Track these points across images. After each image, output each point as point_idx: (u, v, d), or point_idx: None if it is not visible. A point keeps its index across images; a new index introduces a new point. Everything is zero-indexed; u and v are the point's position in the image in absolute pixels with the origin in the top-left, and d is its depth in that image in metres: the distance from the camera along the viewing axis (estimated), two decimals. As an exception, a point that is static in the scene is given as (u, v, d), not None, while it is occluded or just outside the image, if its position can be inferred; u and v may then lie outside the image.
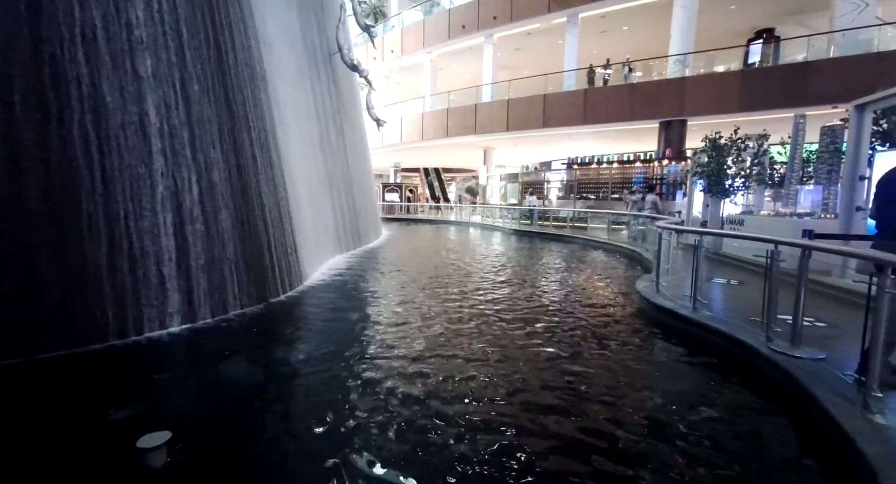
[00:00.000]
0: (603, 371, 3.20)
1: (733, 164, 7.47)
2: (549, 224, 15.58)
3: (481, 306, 5.06)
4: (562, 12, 16.74)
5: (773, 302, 3.08)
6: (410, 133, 22.18)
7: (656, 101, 14.86)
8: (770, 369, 2.81)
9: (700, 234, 4.44)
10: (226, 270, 4.57)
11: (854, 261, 4.15)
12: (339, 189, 9.60)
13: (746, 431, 2.39)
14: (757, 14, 15.52)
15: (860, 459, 1.84)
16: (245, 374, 3.14)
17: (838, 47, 12.55)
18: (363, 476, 1.96)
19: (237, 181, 4.86)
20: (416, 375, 3.05)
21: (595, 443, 2.25)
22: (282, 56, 6.91)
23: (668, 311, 4.21)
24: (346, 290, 6.12)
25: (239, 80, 4.99)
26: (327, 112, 9.31)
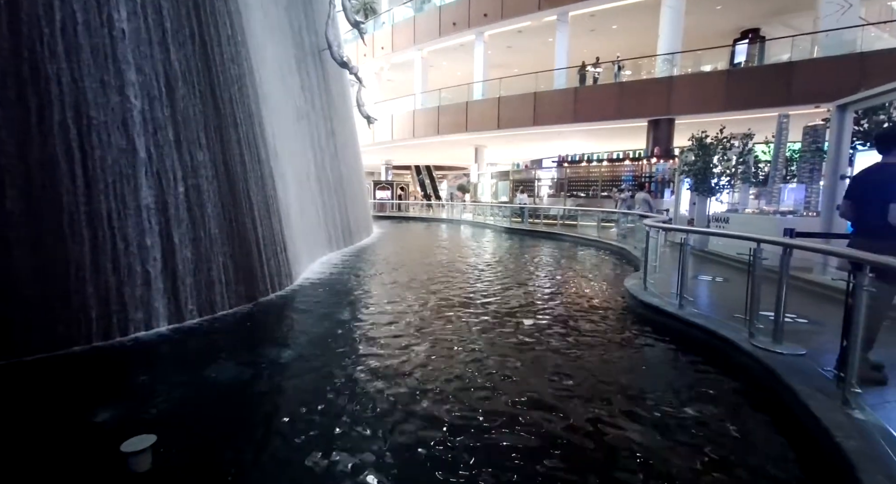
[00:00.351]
0: (588, 365, 3.26)
1: (719, 163, 7.59)
2: (540, 222, 15.66)
3: (472, 303, 5.08)
4: (552, 10, 16.78)
5: (756, 299, 3.15)
6: (402, 131, 22.08)
7: (644, 99, 15.01)
8: (752, 365, 2.87)
9: (685, 231, 4.51)
10: (213, 269, 4.51)
11: (835, 258, 4.25)
12: (330, 187, 9.53)
13: (727, 424, 2.44)
14: (743, 14, 15.74)
15: (838, 452, 1.89)
16: (232, 375, 3.10)
17: (822, 48, 12.79)
18: (350, 478, 1.96)
19: (224, 179, 4.79)
20: (406, 374, 3.05)
21: (578, 432, 2.30)
22: (270, 52, 6.82)
23: (655, 308, 4.27)
24: (335, 289, 6.09)
25: (225, 76, 4.91)
26: (317, 109, 9.23)
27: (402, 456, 2.13)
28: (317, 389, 2.84)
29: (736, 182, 7.88)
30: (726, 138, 7.67)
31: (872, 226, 2.54)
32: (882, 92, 4.29)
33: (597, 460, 2.13)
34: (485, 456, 2.11)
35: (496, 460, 2.08)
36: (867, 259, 2.15)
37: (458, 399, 2.70)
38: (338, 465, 2.05)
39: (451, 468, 2.02)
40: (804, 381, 2.47)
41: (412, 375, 3.05)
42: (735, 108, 13.34)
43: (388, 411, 2.54)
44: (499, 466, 2.03)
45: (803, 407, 2.25)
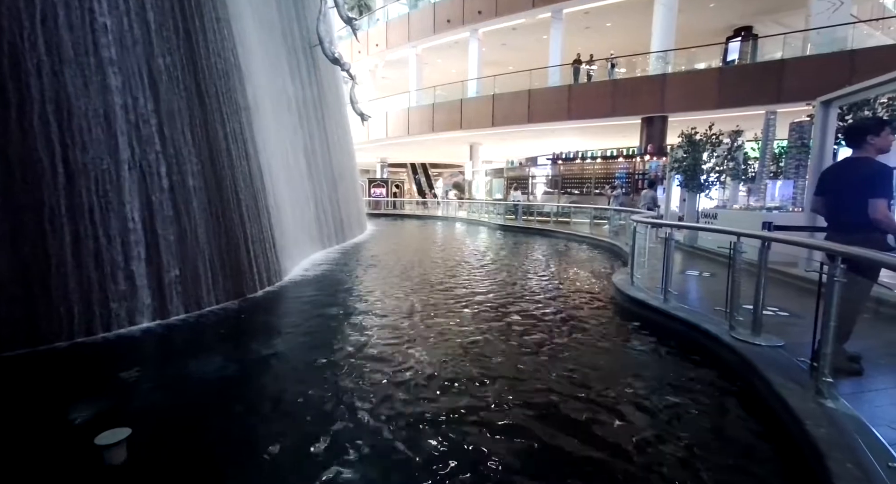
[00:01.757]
0: (575, 356, 3.30)
1: (708, 160, 7.63)
2: (534, 219, 15.70)
3: (464, 299, 5.09)
4: (546, 7, 16.77)
5: (737, 292, 3.17)
6: (396, 128, 22.04)
7: (638, 97, 15.05)
8: (731, 356, 2.90)
9: (669, 227, 4.53)
10: (199, 264, 4.50)
11: (819, 252, 4.28)
12: (322, 183, 9.50)
13: (705, 413, 2.47)
14: (735, 12, 15.80)
15: (809, 440, 1.91)
16: (215, 371, 3.09)
17: (813, 46, 12.86)
18: (332, 475, 1.95)
19: (211, 174, 4.77)
20: (395, 371, 3.03)
21: (562, 417, 2.37)
22: (259, 47, 6.78)
23: (641, 302, 4.30)
24: (326, 286, 6.08)
25: (211, 70, 4.89)
26: (308, 106, 9.19)
27: (387, 457, 2.08)
28: (300, 387, 2.80)
29: (725, 179, 7.93)
30: (715, 135, 7.71)
31: (844, 220, 2.56)
32: (864, 87, 4.32)
33: (577, 441, 2.18)
34: (487, 432, 2.13)
35: (496, 429, 2.16)
36: (839, 251, 2.18)
37: (455, 393, 2.71)
38: (314, 457, 2.05)
39: (443, 463, 2.03)
40: (780, 371, 2.50)
41: (402, 371, 3.02)
42: (728, 105, 13.40)
43: (372, 409, 2.50)
44: (493, 439, 2.06)
45: (777, 397, 2.28)
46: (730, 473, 1.95)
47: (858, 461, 1.72)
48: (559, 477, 1.92)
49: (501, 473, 1.94)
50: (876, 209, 2.39)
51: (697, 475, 1.93)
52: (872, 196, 2.42)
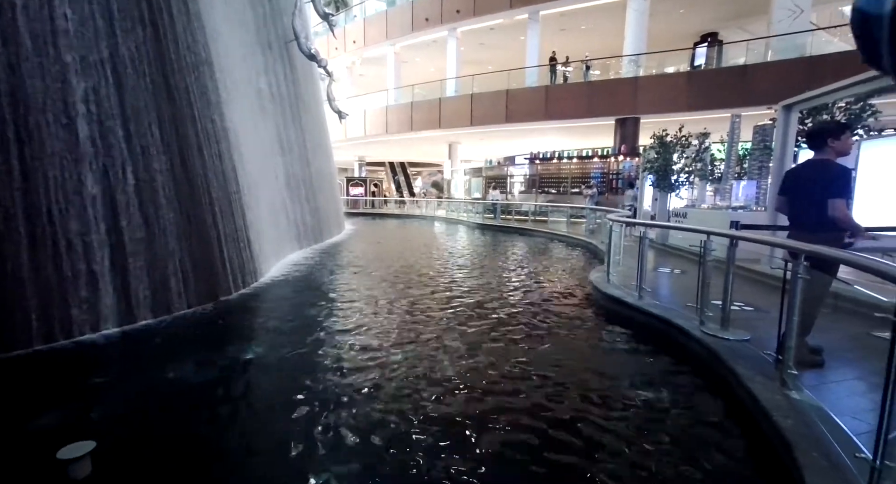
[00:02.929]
0: (556, 351, 3.38)
1: (679, 161, 7.91)
2: (512, 218, 15.86)
3: (443, 297, 5.09)
4: (523, 9, 16.95)
5: (707, 289, 3.30)
6: (374, 126, 21.82)
7: (612, 99, 15.42)
8: (701, 350, 3.01)
9: (644, 226, 4.67)
10: (169, 267, 4.32)
11: (780, 250, 4.50)
12: (299, 182, 9.30)
13: (677, 405, 2.56)
14: (703, 18, 16.41)
15: (777, 431, 1.99)
16: (184, 379, 2.96)
17: (775, 51, 13.49)
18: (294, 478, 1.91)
19: (181, 173, 4.59)
20: (374, 375, 2.98)
21: (540, 410, 2.44)
22: (232, 42, 6.56)
23: (617, 299, 4.40)
24: (303, 287, 5.95)
25: (180, 64, 4.70)
26: (284, 102, 8.97)
27: (359, 467, 2.03)
28: (275, 395, 2.72)
29: (693, 179, 8.24)
30: (685, 137, 8.00)
31: (805, 219, 2.69)
32: (823, 93, 4.57)
33: (552, 427, 2.27)
34: (471, 421, 2.13)
35: (478, 417, 2.19)
36: (802, 249, 2.29)
37: (435, 394, 2.70)
38: (289, 467, 2.00)
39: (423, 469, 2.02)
40: (747, 364, 2.61)
41: (380, 375, 2.98)
42: (696, 108, 13.91)
43: (349, 417, 2.42)
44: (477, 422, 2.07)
45: (745, 389, 2.38)
46: (701, 463, 2.02)
47: (826, 452, 1.78)
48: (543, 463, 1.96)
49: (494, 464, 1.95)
50: (835, 208, 2.52)
51: (668, 463, 2.00)
52: (831, 196, 2.55)
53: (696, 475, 1.95)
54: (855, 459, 1.70)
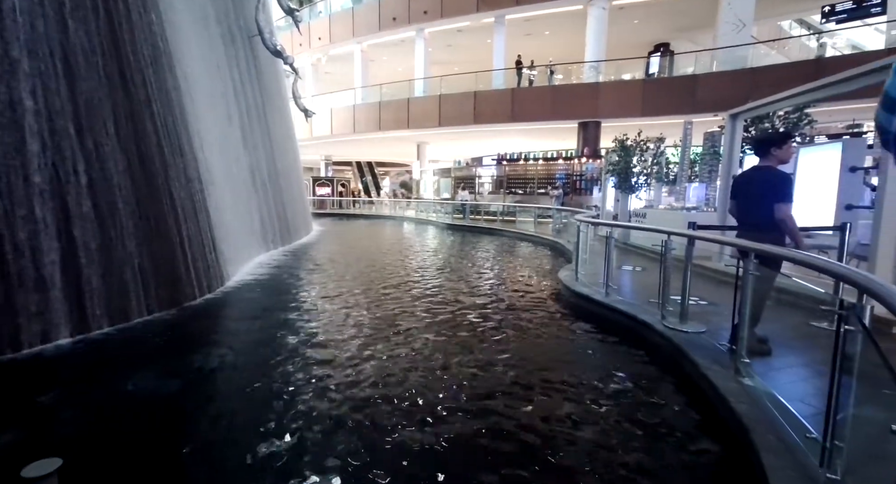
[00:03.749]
0: (527, 346, 3.52)
1: (638, 164, 8.36)
2: (481, 218, 16.07)
3: (415, 295, 5.11)
4: (490, 12, 17.25)
5: (667, 285, 3.53)
6: (341, 126, 21.43)
7: (575, 102, 16.01)
8: (663, 342, 3.23)
9: (611, 226, 4.90)
10: (127, 272, 4.08)
11: (730, 247, 4.87)
12: (265, 182, 9.00)
13: (642, 393, 2.75)
14: (656, 29, 17.38)
15: (733, 415, 2.16)
16: (147, 390, 2.79)
17: (720, 63, 14.51)
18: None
19: (140, 172, 4.35)
20: (346, 383, 2.86)
21: (515, 396, 2.64)
22: (191, 35, 6.27)
23: (585, 296, 4.61)
24: (271, 291, 5.77)
25: (137, 57, 4.44)
26: (248, 99, 8.66)
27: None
28: (241, 406, 2.59)
29: (652, 181, 8.73)
30: (643, 141, 8.46)
31: (752, 221, 2.95)
32: (766, 103, 5.00)
33: (525, 414, 2.41)
34: (448, 414, 2.18)
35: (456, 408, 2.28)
36: (753, 248, 2.52)
37: (408, 400, 2.72)
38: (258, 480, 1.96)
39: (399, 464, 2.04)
40: (704, 354, 2.83)
41: (353, 384, 2.84)
42: (650, 114, 14.72)
43: (319, 428, 2.30)
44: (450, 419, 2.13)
45: (703, 377, 2.58)
46: (664, 446, 2.18)
47: (779, 434, 1.94)
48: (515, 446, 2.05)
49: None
50: (781, 212, 2.78)
51: (633, 446, 2.16)
52: (777, 201, 2.80)
53: (660, 457, 2.09)
54: (806, 440, 1.84)
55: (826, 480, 1.60)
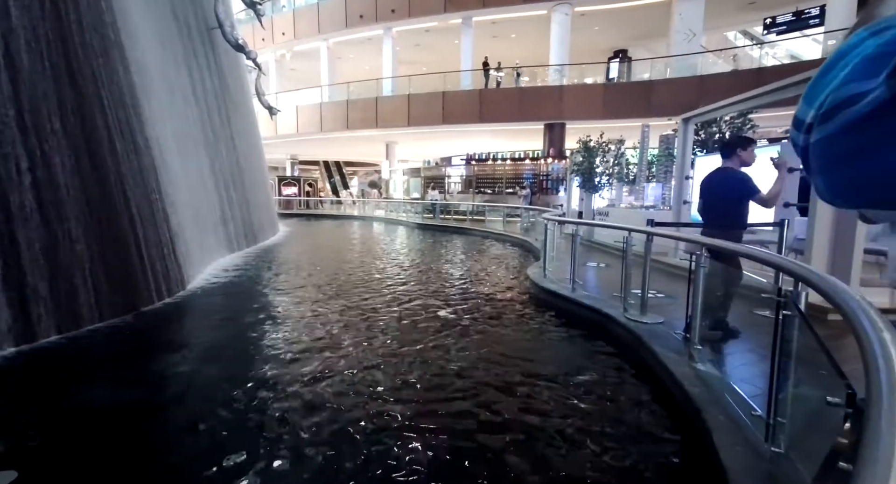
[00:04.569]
0: (498, 339, 3.65)
1: (601, 164, 8.72)
2: (451, 217, 16.17)
3: (381, 296, 5.10)
4: (457, 14, 17.39)
5: (629, 280, 3.72)
6: (308, 124, 20.92)
7: (540, 104, 16.45)
8: (625, 333, 3.41)
9: (575, 224, 5.10)
10: (77, 276, 3.83)
11: (684, 243, 5.19)
12: (228, 181, 8.66)
13: (606, 380, 2.92)
14: (615, 36, 18.16)
15: (687, 398, 2.34)
16: (99, 401, 2.65)
17: (673, 70, 15.37)
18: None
19: (90, 171, 4.09)
20: (311, 393, 2.70)
21: (487, 386, 2.77)
22: (146, 25, 5.95)
23: (553, 292, 4.77)
24: (234, 294, 5.56)
25: (86, 49, 4.18)
26: (208, 95, 8.30)
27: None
28: (200, 418, 2.44)
29: (613, 181, 9.14)
30: (605, 143, 8.83)
31: (711, 218, 3.20)
32: (714, 108, 5.37)
33: (496, 398, 2.58)
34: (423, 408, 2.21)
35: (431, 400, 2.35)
36: (703, 242, 2.71)
37: (384, 397, 2.73)
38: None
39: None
40: (662, 343, 3.01)
41: (317, 393, 2.70)
42: (611, 117, 15.36)
43: (282, 439, 2.19)
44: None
45: (661, 364, 2.75)
46: (626, 426, 2.35)
47: (728, 413, 2.10)
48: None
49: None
50: (761, 201, 3.07)
51: (597, 427, 2.31)
52: (744, 199, 3.08)
53: (622, 437, 2.25)
54: (752, 417, 2.00)
55: (771, 454, 1.75)
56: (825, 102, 0.30)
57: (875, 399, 0.52)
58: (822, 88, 0.31)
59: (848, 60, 0.30)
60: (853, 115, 0.29)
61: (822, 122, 0.30)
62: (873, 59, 0.29)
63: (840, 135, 0.29)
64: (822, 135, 0.30)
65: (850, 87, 0.29)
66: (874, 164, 0.28)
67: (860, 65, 0.30)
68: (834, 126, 0.30)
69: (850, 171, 0.29)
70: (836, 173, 0.30)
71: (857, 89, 0.29)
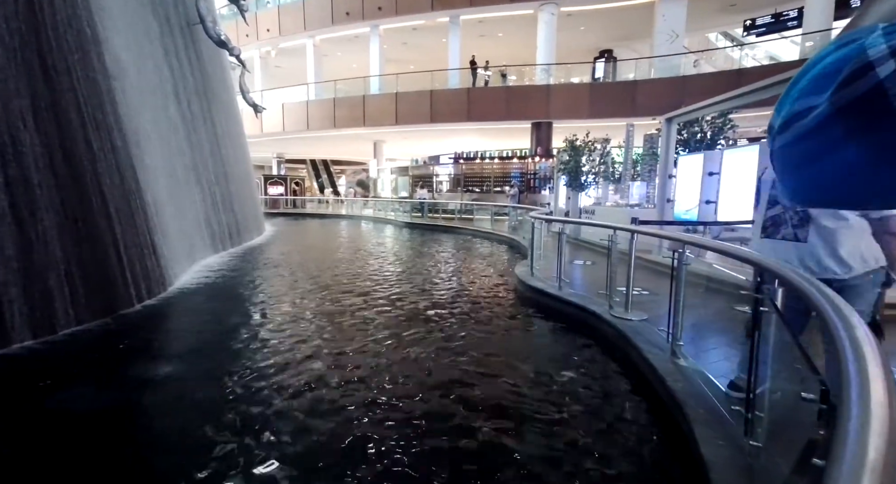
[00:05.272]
0: (487, 336, 3.70)
1: (587, 163, 8.81)
2: (439, 216, 16.16)
3: (370, 294, 5.06)
4: (444, 12, 17.35)
5: (614, 278, 3.77)
6: (294, 122, 20.64)
7: (528, 103, 16.53)
8: (610, 330, 3.45)
9: (562, 222, 5.14)
10: (51, 278, 3.72)
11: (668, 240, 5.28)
12: (211, 180, 8.49)
13: (592, 376, 2.96)
14: (600, 36, 18.35)
15: (670, 393, 2.38)
16: (72, 408, 2.56)
17: (657, 70, 15.61)
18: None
19: (64, 169, 3.97)
20: (300, 403, 2.60)
21: (477, 379, 2.83)
22: (124, 20, 5.79)
23: (540, 290, 4.80)
24: (218, 296, 5.44)
25: (60, 43, 4.05)
26: (190, 92, 8.12)
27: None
28: (185, 425, 2.38)
29: (599, 180, 9.25)
30: (591, 142, 8.92)
31: None
32: (696, 108, 5.47)
33: (488, 391, 2.65)
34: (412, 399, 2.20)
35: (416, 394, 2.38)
36: (684, 240, 2.76)
37: (371, 394, 2.71)
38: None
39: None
40: (646, 340, 3.06)
41: (306, 403, 2.59)
42: (597, 116, 15.53)
43: (265, 450, 2.10)
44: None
45: (645, 360, 2.79)
46: (612, 420, 2.39)
47: (709, 407, 2.15)
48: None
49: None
50: None
51: (584, 421, 2.37)
52: None
53: (608, 428, 2.31)
54: (732, 412, 2.05)
55: (749, 447, 1.79)
56: (784, 113, 0.32)
57: (846, 398, 0.53)
58: (788, 99, 0.33)
59: (811, 73, 0.32)
60: (802, 127, 0.32)
61: (780, 131, 0.33)
62: (825, 76, 0.31)
63: (794, 144, 0.32)
64: (781, 143, 0.33)
65: (803, 101, 0.32)
66: (817, 170, 0.31)
67: (814, 80, 0.32)
68: (790, 135, 0.33)
69: (800, 176, 0.32)
70: (790, 177, 0.33)
71: (808, 104, 0.32)
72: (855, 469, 0.38)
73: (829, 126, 0.29)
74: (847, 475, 0.38)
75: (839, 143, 0.29)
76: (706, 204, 5.26)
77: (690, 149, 6.76)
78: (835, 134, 0.29)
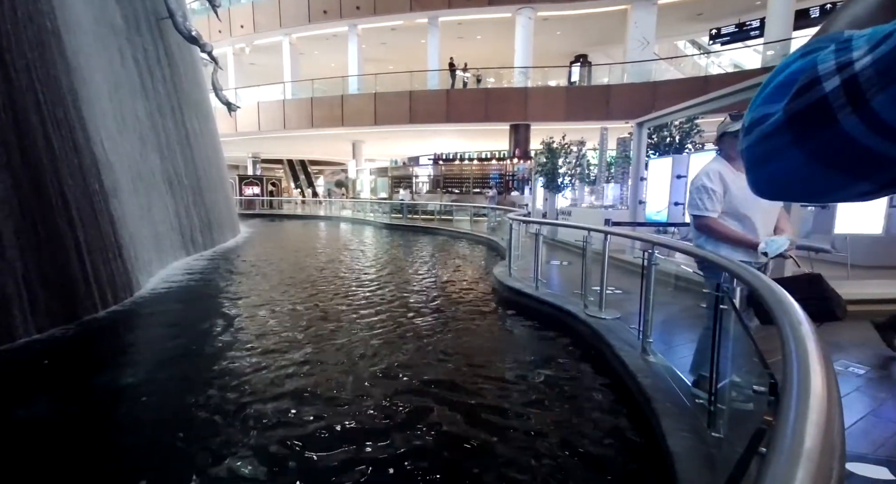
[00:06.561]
0: (467, 335, 3.74)
1: (563, 165, 8.99)
2: (419, 217, 16.14)
3: (349, 297, 5.02)
4: (423, 13, 17.35)
5: (588, 277, 3.87)
6: (270, 121, 20.19)
7: (506, 105, 16.73)
8: (585, 329, 3.54)
9: (539, 224, 5.23)
10: (9, 284, 3.53)
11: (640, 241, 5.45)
12: (182, 181, 8.22)
13: (567, 372, 3.05)
14: (575, 41, 18.76)
15: (639, 388, 2.47)
16: (30, 420, 2.45)
17: (630, 75, 16.08)
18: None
19: (21, 171, 3.77)
20: (272, 411, 2.51)
21: (455, 378, 2.87)
22: (87, 14, 5.54)
23: (518, 290, 4.87)
24: (187, 301, 5.24)
25: (18, 38, 3.85)
26: (158, 89, 7.84)
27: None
28: (150, 434, 2.32)
29: (575, 181, 9.45)
30: (567, 144, 9.11)
31: None
32: (665, 113, 5.67)
33: (467, 387, 2.69)
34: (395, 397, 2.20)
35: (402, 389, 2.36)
36: (655, 241, 2.86)
37: (358, 407, 2.69)
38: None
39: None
40: (618, 337, 3.15)
41: (279, 410, 2.52)
42: (573, 119, 15.87)
43: (237, 460, 2.04)
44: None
45: (617, 357, 2.88)
46: (586, 414, 2.48)
47: (674, 400, 2.26)
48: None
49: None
50: None
51: (559, 414, 2.45)
52: None
53: (582, 423, 2.39)
54: (696, 404, 2.16)
55: (712, 439, 1.88)
56: (751, 117, 0.36)
57: (787, 390, 0.57)
58: (755, 104, 0.37)
59: (776, 81, 0.36)
60: (761, 131, 0.35)
61: (746, 134, 0.37)
62: (784, 85, 0.34)
63: (755, 145, 0.36)
64: (747, 144, 0.38)
65: (763, 107, 0.36)
66: (773, 169, 0.36)
67: (774, 88, 0.36)
68: (753, 137, 0.37)
69: (760, 172, 0.37)
70: (753, 173, 0.38)
71: (766, 111, 0.35)
72: (793, 456, 0.42)
73: (782, 133, 0.33)
74: (785, 462, 0.41)
75: (787, 148, 0.33)
76: (675, 205, 5.46)
77: (660, 152, 7.01)
78: (785, 140, 0.33)
